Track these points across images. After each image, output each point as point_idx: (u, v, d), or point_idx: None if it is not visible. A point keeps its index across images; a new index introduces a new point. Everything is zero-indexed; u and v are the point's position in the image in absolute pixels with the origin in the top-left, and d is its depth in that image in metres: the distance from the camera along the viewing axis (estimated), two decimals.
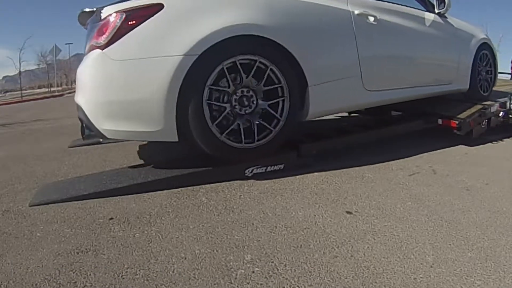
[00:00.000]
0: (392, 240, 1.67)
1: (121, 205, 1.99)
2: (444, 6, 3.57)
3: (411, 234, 1.72)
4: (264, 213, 1.92)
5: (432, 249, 1.59)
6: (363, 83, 2.78)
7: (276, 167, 2.50)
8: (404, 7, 3.31)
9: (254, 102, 2.36)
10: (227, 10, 2.21)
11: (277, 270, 1.44)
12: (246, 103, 2.33)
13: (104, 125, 2.12)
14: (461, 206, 2.04)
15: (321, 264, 1.48)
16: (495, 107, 3.73)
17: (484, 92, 4.19)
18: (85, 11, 2.46)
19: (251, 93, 2.34)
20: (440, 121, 3.46)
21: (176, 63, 2.01)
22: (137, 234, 1.70)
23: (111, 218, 1.85)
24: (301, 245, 1.61)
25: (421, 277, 1.40)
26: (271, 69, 2.33)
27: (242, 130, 2.29)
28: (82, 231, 1.73)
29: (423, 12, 3.51)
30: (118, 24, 2.05)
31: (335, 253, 1.55)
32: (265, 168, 2.46)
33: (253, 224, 1.81)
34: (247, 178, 2.39)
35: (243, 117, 2.33)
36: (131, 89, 2.04)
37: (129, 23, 2.05)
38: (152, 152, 2.95)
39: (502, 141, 3.68)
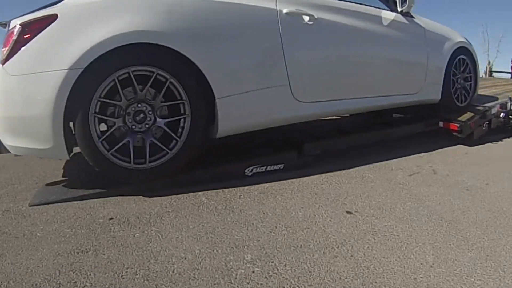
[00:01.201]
0: (392, 240, 1.67)
1: (121, 205, 1.99)
2: (406, 4, 3.13)
3: (411, 234, 1.73)
4: (264, 213, 1.92)
5: (432, 249, 1.59)
6: (293, 93, 2.41)
7: (276, 167, 2.50)
8: (355, 4, 2.90)
9: (151, 119, 2.11)
10: (120, 17, 1.99)
11: (277, 270, 1.44)
12: (142, 120, 2.09)
13: (6, 140, 2.04)
14: (461, 206, 2.05)
15: (321, 264, 1.48)
16: (495, 108, 3.73)
17: (461, 102, 3.67)
18: (2, 23, 2.29)
19: (148, 108, 2.10)
20: (441, 124, 3.46)
21: (61, 78, 1.88)
22: (137, 234, 1.70)
23: (111, 218, 1.85)
24: (301, 245, 1.61)
25: (421, 277, 1.40)
26: (170, 82, 2.07)
27: (131, 148, 2.07)
28: (82, 231, 1.73)
29: (380, 10, 3.06)
30: (15, 38, 1.94)
31: (335, 253, 1.55)
32: (265, 167, 2.46)
33: (253, 224, 1.81)
34: (247, 177, 2.39)
35: (136, 135, 2.10)
36: (25, 105, 1.94)
37: (25, 36, 1.93)
38: None
39: (502, 141, 3.68)
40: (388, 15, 3.08)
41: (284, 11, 2.40)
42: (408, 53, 3.22)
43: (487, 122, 3.63)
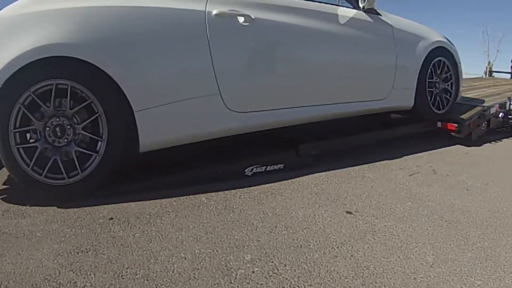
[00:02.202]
0: (392, 240, 1.67)
1: (121, 205, 1.99)
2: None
3: (411, 234, 1.73)
4: (264, 213, 1.92)
5: (432, 249, 1.59)
6: (225, 102, 2.19)
7: (276, 167, 2.50)
8: (304, 1, 2.63)
9: (68, 136, 1.96)
10: (32, 32, 1.85)
11: (277, 270, 1.44)
12: (58, 136, 1.95)
13: None
14: (461, 206, 2.05)
15: (321, 264, 1.48)
16: (494, 108, 3.73)
17: (439, 109, 3.35)
18: None
19: (66, 122, 1.95)
20: (439, 124, 3.45)
21: None
22: (137, 234, 1.70)
23: (111, 218, 1.85)
24: (301, 245, 1.61)
25: (421, 277, 1.40)
26: (86, 95, 1.93)
27: (48, 166, 1.93)
28: (82, 231, 1.72)
29: (336, 7, 2.77)
30: None
31: (335, 253, 1.55)
32: (265, 167, 2.46)
33: (253, 224, 1.81)
34: (247, 177, 2.39)
35: (58, 150, 1.96)
36: None
37: None
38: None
39: (502, 141, 3.68)
40: (345, 13, 2.77)
41: (214, 12, 2.16)
42: (371, 54, 2.91)
43: (486, 122, 3.63)
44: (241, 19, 2.24)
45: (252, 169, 2.42)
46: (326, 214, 1.91)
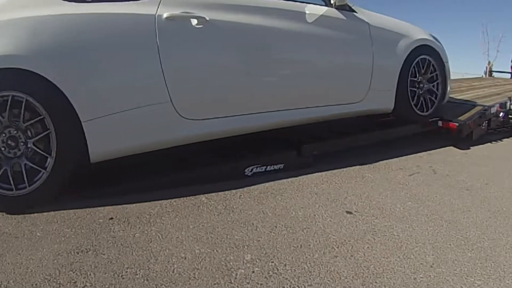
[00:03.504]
0: (392, 240, 1.67)
1: (121, 205, 1.99)
2: None
3: (411, 234, 1.73)
4: (264, 213, 1.92)
5: (432, 249, 1.60)
6: (178, 110, 2.08)
7: (276, 167, 2.50)
8: (268, 0, 2.47)
9: (20, 148, 1.88)
10: None
11: (277, 270, 1.44)
12: (11, 147, 1.87)
13: None
14: (461, 206, 2.05)
15: (321, 264, 1.48)
16: (495, 108, 3.73)
17: (423, 111, 3.18)
18: None
19: (20, 135, 1.88)
20: (440, 123, 3.45)
21: None
22: (137, 234, 1.70)
23: (111, 218, 1.85)
24: (301, 245, 1.61)
25: (421, 277, 1.40)
26: (34, 106, 1.85)
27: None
28: (82, 231, 1.73)
29: (304, 4, 2.59)
30: None
31: (335, 253, 1.55)
32: (265, 167, 2.46)
33: (253, 224, 1.81)
34: (247, 177, 2.39)
35: (9, 161, 1.88)
36: None
37: None
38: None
39: (501, 141, 3.68)
40: (314, 10, 2.58)
41: (165, 16, 2.04)
42: (343, 54, 2.74)
43: (486, 122, 3.63)
44: (194, 22, 2.11)
45: (252, 169, 2.42)
46: (326, 214, 1.91)
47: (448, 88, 3.42)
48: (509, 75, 11.92)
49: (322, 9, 2.64)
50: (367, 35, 2.82)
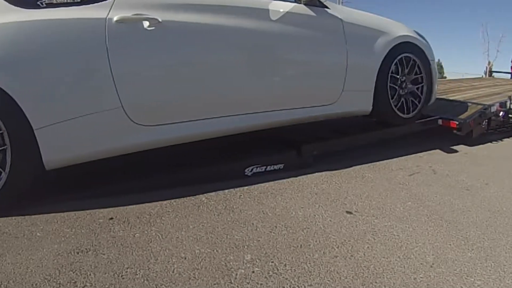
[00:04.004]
0: (392, 240, 1.67)
1: (121, 205, 1.99)
2: None
3: (411, 234, 1.73)
4: (264, 213, 1.92)
5: (432, 249, 1.60)
6: (130, 116, 2.00)
7: (276, 167, 2.50)
8: None
9: None
10: None
11: (277, 270, 1.44)
12: None
13: None
14: (461, 206, 2.05)
15: (321, 264, 1.48)
16: (495, 107, 3.73)
17: (405, 112, 3.03)
18: None
19: None
20: (440, 122, 3.45)
21: None
22: (137, 234, 1.70)
23: (111, 218, 1.85)
24: (301, 245, 1.61)
25: (421, 277, 1.40)
26: None
27: None
28: (82, 231, 1.73)
29: (268, 1, 2.42)
30: None
31: (335, 253, 1.55)
32: (265, 167, 2.46)
33: (253, 224, 1.81)
34: (247, 177, 2.39)
35: None
36: None
37: None
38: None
39: (502, 141, 3.68)
40: (278, 7, 2.42)
41: (115, 19, 1.94)
42: (312, 53, 2.58)
43: (487, 120, 3.63)
44: (146, 24, 2.00)
45: (252, 169, 2.42)
46: (326, 214, 1.92)
47: (435, 88, 3.26)
48: (509, 75, 11.92)
49: (288, 6, 2.46)
50: (340, 33, 2.64)
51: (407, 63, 2.99)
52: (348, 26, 2.68)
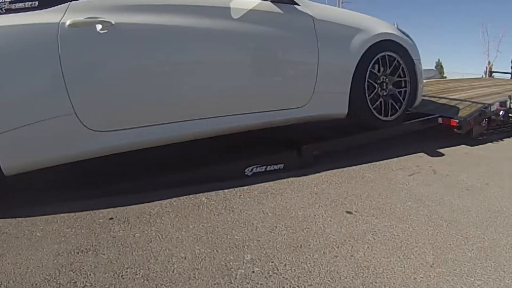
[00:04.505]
0: (392, 240, 1.67)
1: (121, 205, 1.99)
2: None
3: (411, 234, 1.73)
4: (264, 213, 1.92)
5: (432, 249, 1.60)
6: (84, 122, 1.95)
7: (276, 167, 2.50)
8: None
9: None
10: None
11: (277, 270, 1.44)
12: None
13: None
14: (461, 206, 2.05)
15: (321, 264, 1.48)
16: (495, 106, 3.72)
17: (386, 115, 2.87)
18: None
19: None
20: (440, 120, 3.44)
21: None
22: (137, 234, 1.70)
23: (111, 218, 1.85)
24: (301, 245, 1.61)
25: (421, 277, 1.40)
26: None
27: None
28: (82, 231, 1.73)
29: (230, 0, 2.29)
30: None
31: (335, 253, 1.55)
32: (265, 167, 2.46)
33: (253, 224, 1.81)
34: (247, 177, 2.39)
35: None
36: None
37: None
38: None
39: (502, 141, 3.68)
40: (241, 5, 2.29)
41: (67, 23, 1.88)
42: (279, 53, 2.44)
43: (487, 119, 3.63)
44: (98, 27, 1.95)
45: (252, 169, 2.42)
46: (326, 214, 1.91)
47: (420, 89, 3.10)
48: (509, 75, 11.92)
49: (252, 3, 2.32)
50: (311, 31, 2.47)
51: (389, 63, 2.84)
52: (320, 24, 2.51)
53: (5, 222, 1.82)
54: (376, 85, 2.80)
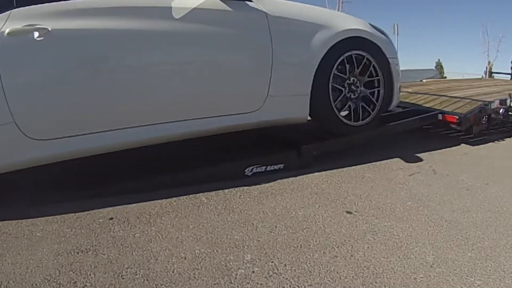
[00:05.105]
0: (392, 240, 1.67)
1: (121, 205, 1.99)
2: None
3: (411, 234, 1.73)
4: (264, 213, 1.92)
5: (432, 249, 1.60)
6: (23, 131, 1.90)
7: (276, 167, 2.50)
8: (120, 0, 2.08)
9: None
10: None
11: (277, 270, 1.44)
12: None
13: None
14: (461, 206, 2.05)
15: (321, 264, 1.48)
16: (495, 103, 3.72)
17: (356, 119, 2.68)
18: None
19: None
20: (440, 116, 3.43)
21: None
22: (137, 234, 1.70)
23: (111, 218, 1.85)
24: (301, 245, 1.61)
25: (421, 277, 1.40)
26: None
27: None
28: (82, 231, 1.73)
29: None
30: None
31: (335, 253, 1.55)
32: (265, 167, 2.46)
33: (253, 224, 1.81)
34: (247, 177, 2.39)
35: None
36: None
37: None
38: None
39: (502, 141, 3.68)
40: (184, 4, 2.16)
41: (6, 31, 1.84)
42: (225, 54, 2.28)
43: (487, 117, 3.63)
44: (36, 34, 1.90)
45: (252, 169, 2.42)
46: (326, 214, 1.91)
47: (396, 89, 2.89)
48: (509, 76, 11.90)
49: (196, 2, 2.18)
50: (264, 28, 2.30)
51: (358, 62, 2.62)
52: (275, 20, 2.32)
53: (5, 222, 1.82)
54: (343, 87, 2.61)
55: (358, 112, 2.69)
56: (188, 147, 2.38)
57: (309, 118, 2.59)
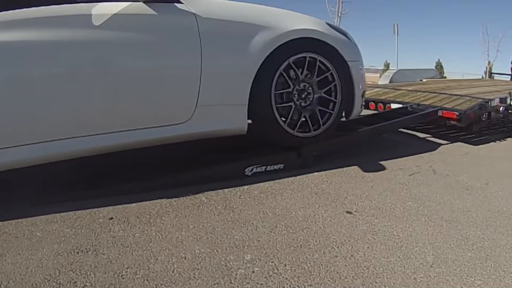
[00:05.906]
0: (392, 240, 1.67)
1: (121, 205, 1.99)
2: None
3: (411, 234, 1.73)
4: (264, 213, 1.92)
5: (432, 249, 1.60)
6: None
7: (276, 167, 2.50)
8: (30, 10, 1.88)
9: None
10: None
11: (277, 270, 1.44)
12: None
13: None
14: (461, 206, 2.05)
15: (321, 264, 1.48)
16: (495, 101, 3.72)
17: (307, 130, 2.48)
18: None
19: None
20: (440, 113, 3.43)
21: None
22: (137, 234, 1.70)
23: (111, 218, 1.85)
24: (301, 245, 1.61)
25: (421, 277, 1.40)
26: None
27: None
28: (82, 231, 1.73)
29: (92, 5, 2.00)
30: None
31: (335, 253, 1.55)
32: (265, 167, 2.46)
33: (253, 224, 1.81)
34: (247, 177, 2.39)
35: None
36: None
37: None
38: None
39: (502, 140, 3.68)
40: (104, 10, 1.99)
41: None
42: (145, 61, 2.10)
43: (487, 114, 3.63)
44: None
45: (252, 169, 2.42)
46: (326, 214, 1.92)
47: (359, 96, 2.66)
48: (509, 77, 11.89)
49: (117, 7, 2.02)
50: (194, 31, 2.11)
51: (309, 66, 2.40)
52: (205, 22, 2.12)
53: (5, 222, 1.82)
54: (289, 95, 2.39)
55: (311, 121, 2.49)
56: (188, 147, 2.38)
57: None
